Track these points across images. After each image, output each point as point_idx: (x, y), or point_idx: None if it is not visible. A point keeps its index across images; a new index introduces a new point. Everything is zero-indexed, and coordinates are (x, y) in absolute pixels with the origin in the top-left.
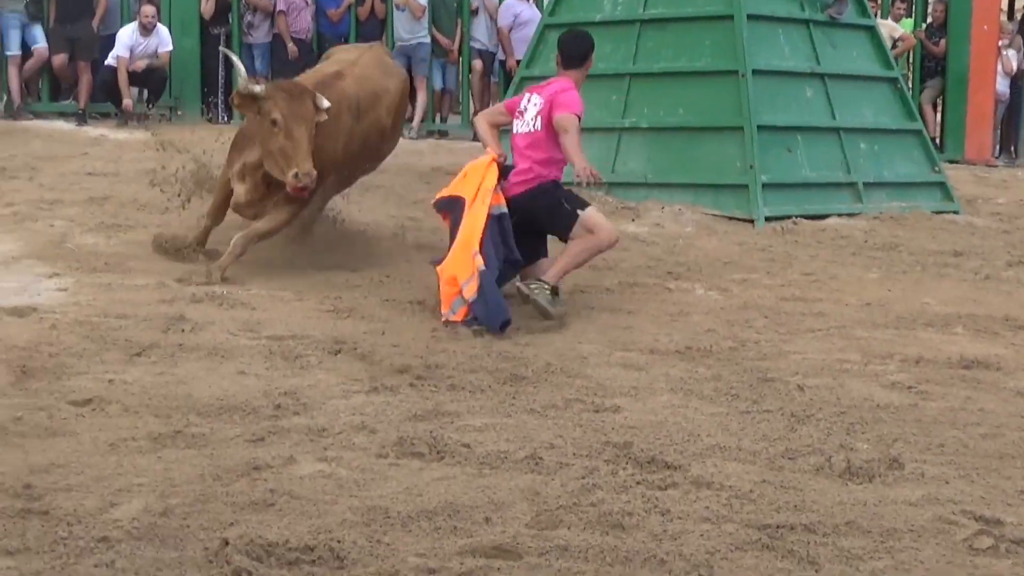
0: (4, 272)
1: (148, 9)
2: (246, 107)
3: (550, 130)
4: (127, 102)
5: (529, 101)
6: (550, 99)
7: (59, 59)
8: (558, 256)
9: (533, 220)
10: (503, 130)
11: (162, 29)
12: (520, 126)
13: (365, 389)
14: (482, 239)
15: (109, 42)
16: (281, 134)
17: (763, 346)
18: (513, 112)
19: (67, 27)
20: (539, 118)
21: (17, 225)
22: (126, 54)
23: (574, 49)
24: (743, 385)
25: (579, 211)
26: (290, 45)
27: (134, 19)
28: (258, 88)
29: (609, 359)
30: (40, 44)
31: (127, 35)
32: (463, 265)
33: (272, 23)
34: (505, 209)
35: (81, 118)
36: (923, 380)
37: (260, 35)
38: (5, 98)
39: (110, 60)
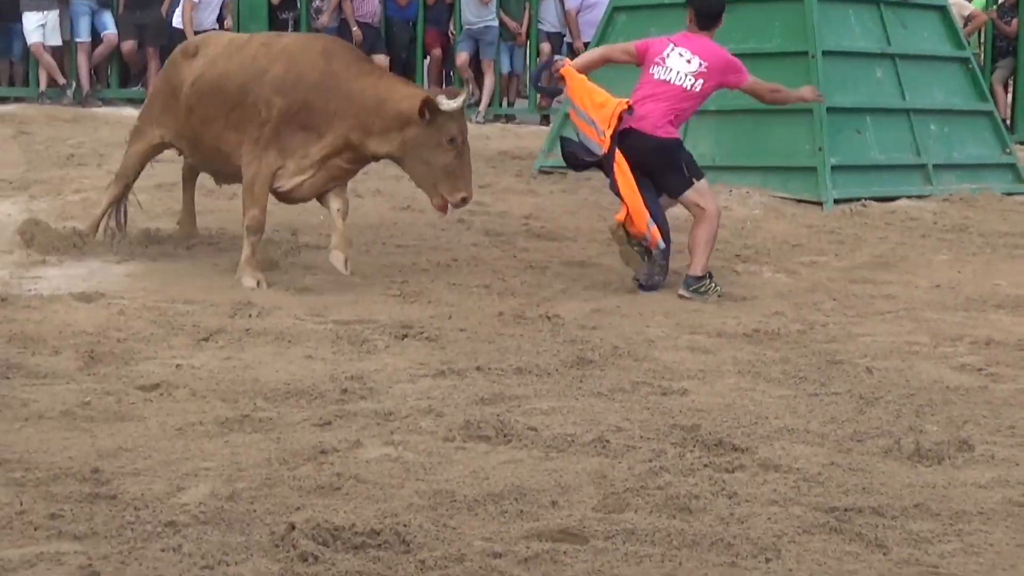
0: (73, 258)
1: None
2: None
3: (705, 96)
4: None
5: (673, 51)
6: (716, 67)
7: (128, 45)
8: (689, 246)
9: (648, 166)
10: None
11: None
12: (663, 73)
13: (432, 373)
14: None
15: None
16: (453, 153)
17: (831, 329)
18: (646, 59)
19: (136, 14)
20: (699, 80)
21: (86, 211)
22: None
23: (711, 8)
24: (811, 368)
25: (695, 179)
26: (355, 29)
27: None
28: (455, 104)
29: (676, 342)
30: (110, 30)
31: None
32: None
33: (340, 8)
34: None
35: None
36: (993, 362)
37: (327, 20)
38: (75, 85)
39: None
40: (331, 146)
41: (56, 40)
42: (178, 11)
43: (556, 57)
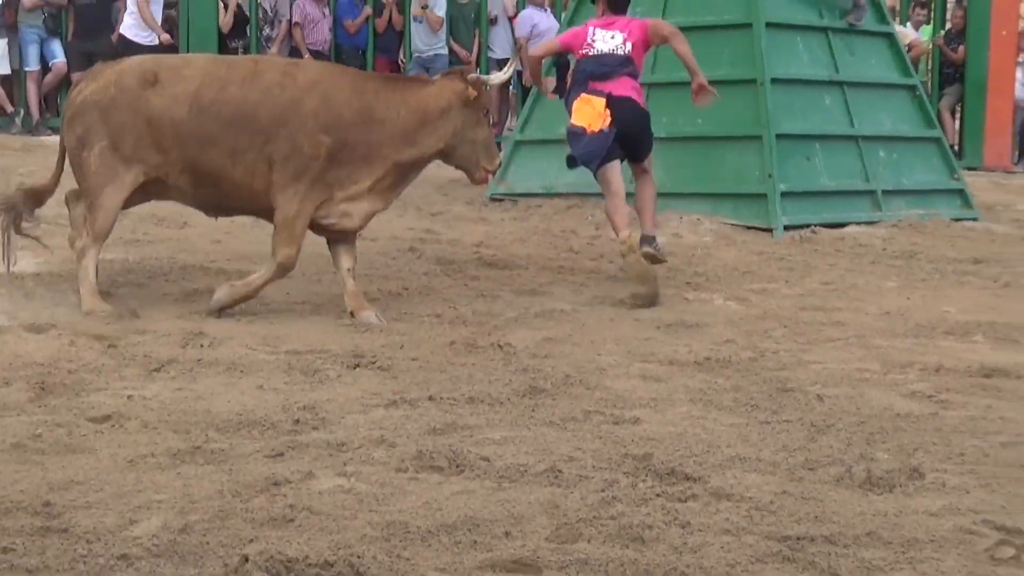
0: (22, 288)
1: None
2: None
3: (639, 58)
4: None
5: (596, 33)
6: (636, 29)
7: (78, 75)
8: (640, 207)
9: (631, 134)
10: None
11: None
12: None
13: (384, 403)
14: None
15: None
16: (487, 123)
17: (782, 356)
18: (574, 48)
19: (86, 42)
20: (627, 44)
21: (36, 241)
22: None
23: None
24: (762, 395)
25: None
26: (306, 57)
27: None
28: (505, 76)
29: (628, 370)
30: (59, 59)
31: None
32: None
33: (290, 36)
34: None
35: None
36: (943, 389)
37: (276, 49)
38: (22, 113)
39: None
40: (382, 171)
41: (4, 68)
42: (129, 19)
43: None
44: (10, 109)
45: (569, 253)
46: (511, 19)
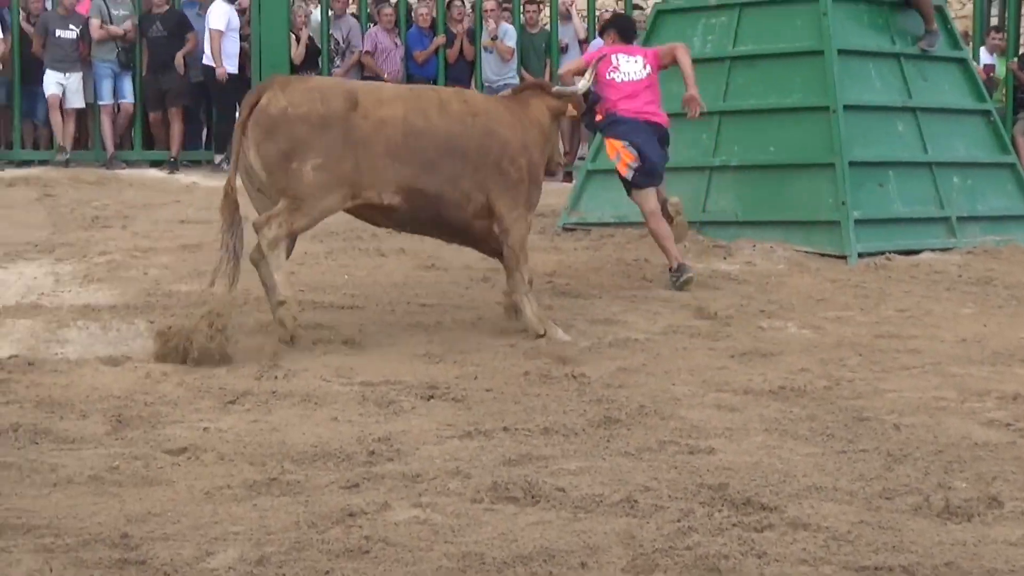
0: (98, 320)
1: None
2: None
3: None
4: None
5: (619, 58)
6: (651, 55)
7: (153, 114)
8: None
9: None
10: None
11: None
12: (624, 76)
13: (459, 434)
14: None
15: (200, 89)
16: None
17: (858, 384)
18: (600, 70)
19: (157, 76)
20: (647, 68)
21: (111, 274)
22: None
23: (629, 26)
24: (838, 424)
25: None
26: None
27: None
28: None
29: (703, 400)
30: (127, 99)
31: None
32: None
33: (360, 67)
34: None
35: (173, 166)
36: (1021, 417)
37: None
38: (68, 151)
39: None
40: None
41: (79, 103)
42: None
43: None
44: (60, 143)
45: (642, 282)
46: (582, 45)
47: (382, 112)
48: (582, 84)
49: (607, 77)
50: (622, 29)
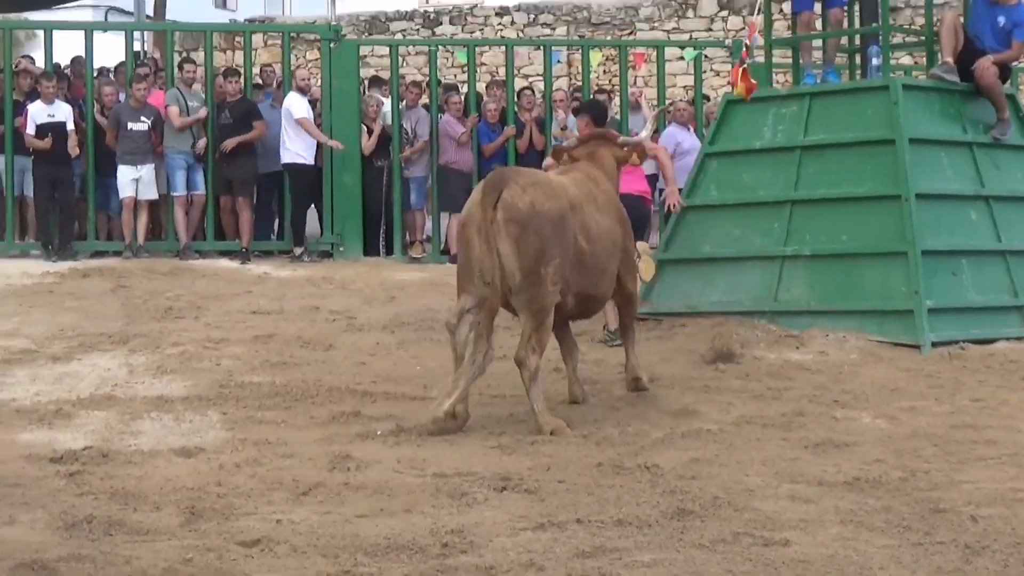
0: (171, 412)
1: None
2: None
3: None
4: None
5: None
6: None
7: (224, 201)
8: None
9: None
10: None
11: None
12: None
13: (532, 526)
14: None
15: (273, 180)
16: None
17: (934, 475)
18: None
19: (224, 165)
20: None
21: (184, 364)
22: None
23: (602, 112)
24: (915, 516)
25: None
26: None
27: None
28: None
29: (777, 491)
30: (199, 191)
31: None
32: None
33: (431, 156)
34: None
35: (244, 256)
36: None
37: (418, 169)
38: (136, 246)
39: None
40: None
41: (152, 194)
42: (292, 139)
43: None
44: (128, 240)
45: (715, 372)
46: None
47: (578, 216)
48: (645, 133)
49: None
50: (595, 114)
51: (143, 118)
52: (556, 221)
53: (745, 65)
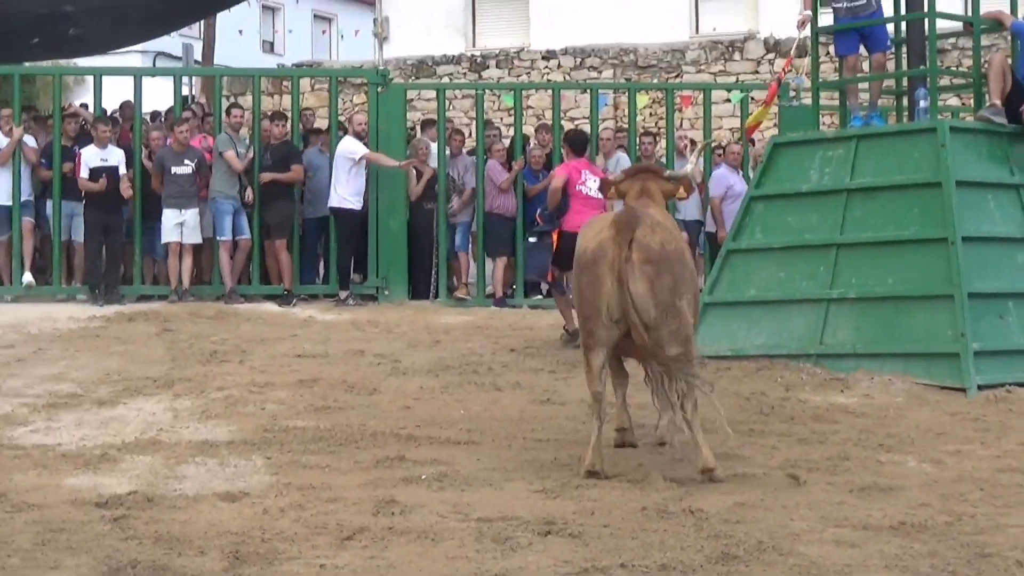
0: (216, 456)
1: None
2: None
3: None
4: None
5: (585, 175)
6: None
7: (267, 244)
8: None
9: None
10: None
11: None
12: (588, 191)
13: (576, 571)
14: None
15: (320, 224)
16: None
17: (980, 520)
18: (571, 183)
19: (263, 210)
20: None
21: (229, 409)
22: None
23: (582, 141)
24: (960, 561)
25: None
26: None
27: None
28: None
29: (822, 536)
30: (245, 236)
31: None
32: None
33: (477, 201)
34: None
35: (286, 299)
36: None
37: (463, 215)
38: (182, 290)
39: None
40: None
41: (196, 238)
42: (342, 184)
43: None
44: (173, 285)
45: (759, 415)
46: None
47: None
48: (691, 166)
49: (575, 188)
50: (574, 144)
51: (186, 161)
52: (683, 259)
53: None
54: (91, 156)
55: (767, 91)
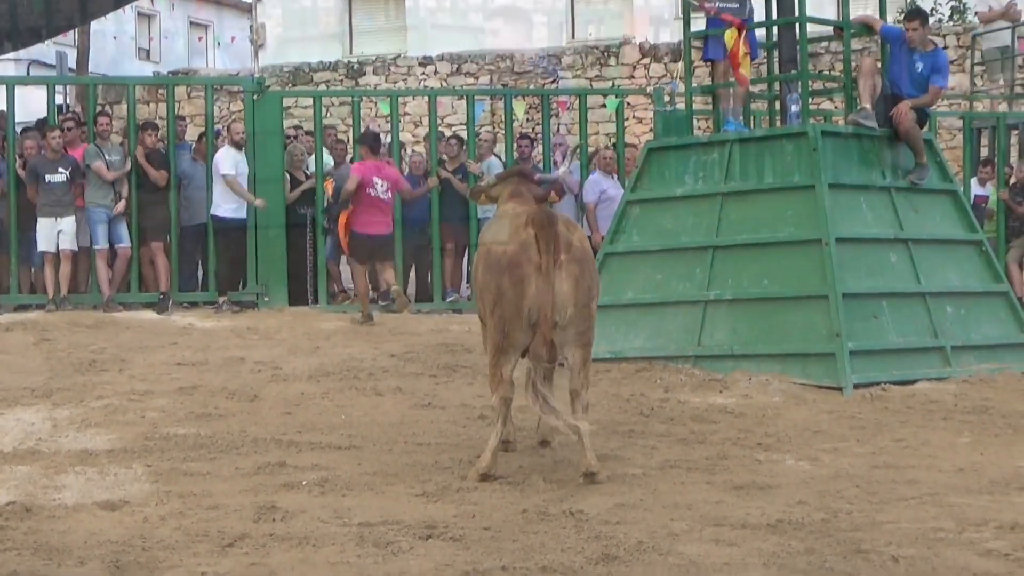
0: (96, 465)
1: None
2: None
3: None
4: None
5: (375, 178)
6: (394, 181)
7: (143, 251)
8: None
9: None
10: None
11: None
12: (379, 193)
13: (458, 574)
14: None
15: (197, 231)
16: None
17: (856, 516)
18: (363, 185)
19: (139, 217)
20: (389, 192)
21: (108, 417)
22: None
23: (376, 142)
24: (837, 557)
25: None
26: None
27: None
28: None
29: (701, 535)
30: (124, 244)
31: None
32: None
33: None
34: None
35: (163, 303)
36: (1020, 547)
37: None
38: (59, 298)
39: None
40: None
41: (72, 246)
42: (220, 194)
43: None
44: (50, 295)
45: (639, 417)
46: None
47: None
48: (563, 170)
49: (366, 191)
50: (371, 144)
51: (60, 169)
52: (593, 260)
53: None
54: None
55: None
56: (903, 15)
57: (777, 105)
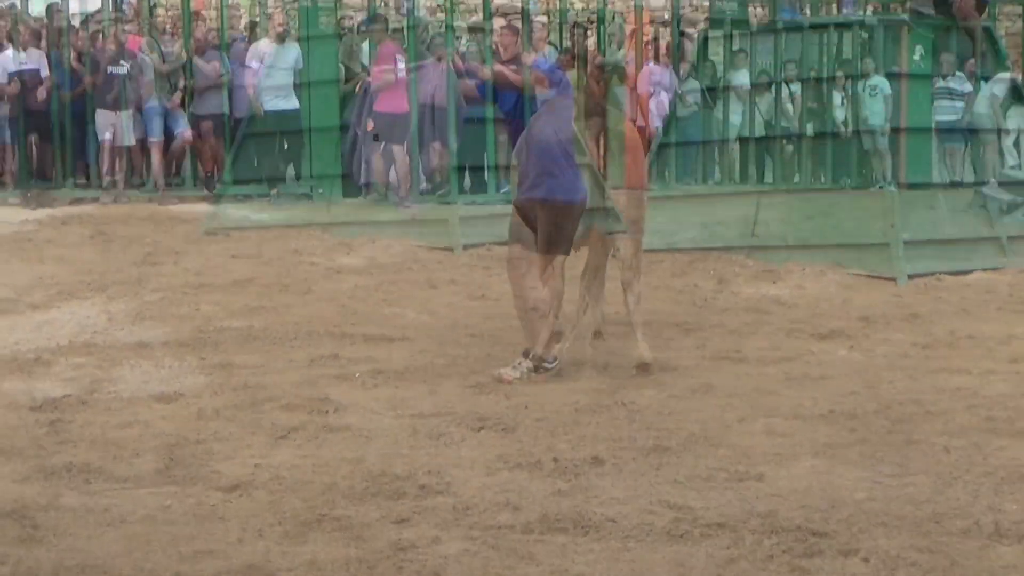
0: (150, 358)
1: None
2: None
3: None
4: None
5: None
6: None
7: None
8: None
9: None
10: None
11: None
12: None
13: (509, 466)
14: None
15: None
16: None
17: (907, 407)
18: None
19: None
20: None
21: (163, 311)
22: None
23: None
24: (888, 448)
25: None
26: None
27: None
28: None
29: (752, 426)
30: (182, 129)
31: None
32: None
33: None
34: None
35: (211, 183)
36: None
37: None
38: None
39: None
40: None
41: (129, 140)
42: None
43: None
44: (107, 180)
45: (692, 308)
46: None
47: None
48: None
49: None
50: None
51: (122, 61)
52: (642, 149)
53: None
54: (7, 61)
55: None
56: None
57: None
